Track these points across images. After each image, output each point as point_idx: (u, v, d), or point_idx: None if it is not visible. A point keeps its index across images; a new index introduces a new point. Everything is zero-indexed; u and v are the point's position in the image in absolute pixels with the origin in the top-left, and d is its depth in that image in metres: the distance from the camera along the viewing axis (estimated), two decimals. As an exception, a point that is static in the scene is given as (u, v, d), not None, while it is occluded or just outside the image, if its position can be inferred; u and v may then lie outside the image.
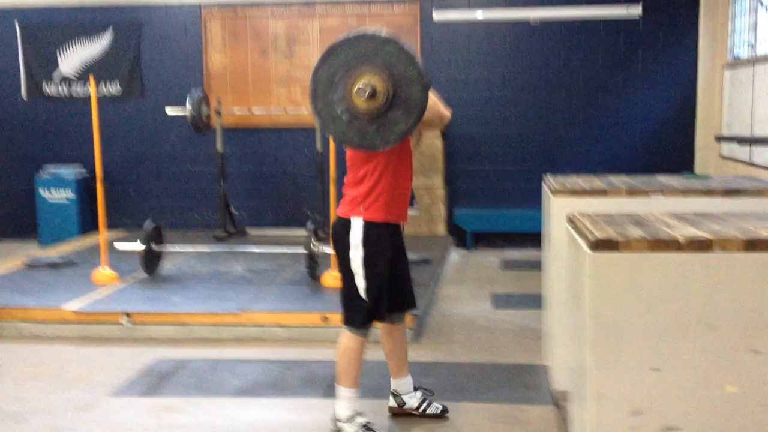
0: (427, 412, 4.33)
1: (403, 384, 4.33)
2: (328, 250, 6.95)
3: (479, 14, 9.44)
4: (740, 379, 2.91)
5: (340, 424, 4.03)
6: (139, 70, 10.05)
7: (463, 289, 7.47)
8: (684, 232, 3.04)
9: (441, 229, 9.45)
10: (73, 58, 10.11)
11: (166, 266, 7.41)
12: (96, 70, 9.97)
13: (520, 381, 4.94)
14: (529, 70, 9.63)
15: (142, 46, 10.02)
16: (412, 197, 6.27)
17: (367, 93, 3.59)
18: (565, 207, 4.43)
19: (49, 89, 10.17)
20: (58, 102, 10.11)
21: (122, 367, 5.21)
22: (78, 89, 10.04)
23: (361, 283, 3.92)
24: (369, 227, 3.89)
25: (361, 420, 4.04)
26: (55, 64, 10.13)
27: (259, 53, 9.78)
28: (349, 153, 3.94)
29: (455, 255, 9.12)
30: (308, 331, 5.80)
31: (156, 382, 4.95)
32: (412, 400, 4.34)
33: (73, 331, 5.94)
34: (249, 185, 9.86)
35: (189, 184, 10.02)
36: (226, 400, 4.65)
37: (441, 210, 9.45)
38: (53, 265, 7.55)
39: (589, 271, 2.97)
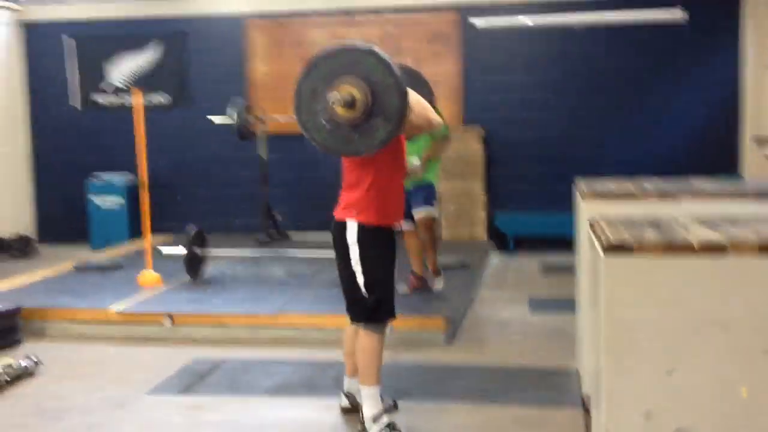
0: None
1: (355, 384, 4.40)
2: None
3: (519, 20, 9.45)
4: (754, 381, 2.90)
5: (366, 425, 4.11)
6: (185, 79, 10.30)
7: (501, 294, 7.49)
8: (701, 235, 3.05)
9: (481, 233, 9.48)
10: (123, 68, 10.41)
11: (210, 269, 7.57)
12: (144, 80, 10.24)
13: (550, 385, 4.95)
14: (570, 74, 9.63)
15: (189, 57, 10.26)
16: (432, 196, 6.58)
17: (344, 102, 3.70)
18: (593, 211, 4.43)
19: (101, 99, 10.47)
20: (109, 111, 10.41)
21: (161, 367, 5.36)
22: (128, 99, 10.31)
23: (360, 279, 4.05)
24: (363, 229, 4.03)
25: (385, 420, 4.12)
26: (106, 75, 10.43)
27: (300, 62, 9.92)
28: (343, 159, 4.07)
29: (496, 259, 9.14)
30: (339, 333, 5.88)
31: (191, 381, 5.09)
32: None
33: (116, 332, 6.13)
34: (291, 190, 10.02)
35: (234, 190, 10.22)
36: (258, 399, 4.77)
37: (481, 214, 9.48)
38: (101, 268, 7.79)
39: (603, 274, 3.00)
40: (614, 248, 2.96)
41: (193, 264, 7.17)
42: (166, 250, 7.32)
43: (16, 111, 10.60)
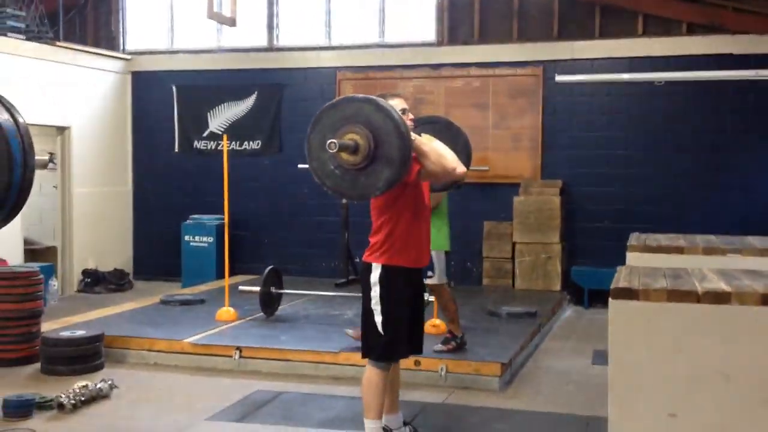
0: None
1: (393, 420, 4.62)
2: (430, 298, 7.24)
3: (601, 77, 9.56)
4: (755, 429, 2.96)
5: None
6: (278, 128, 10.83)
7: (567, 344, 7.53)
8: (711, 285, 3.15)
9: (556, 284, 9.52)
10: (221, 117, 11.04)
11: (284, 308, 7.92)
12: (240, 127, 10.84)
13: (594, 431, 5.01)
14: (652, 130, 9.65)
15: (283, 107, 10.80)
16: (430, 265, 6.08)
17: (344, 147, 3.94)
18: (636, 262, 4.54)
19: (199, 144, 11.12)
20: (206, 156, 11.02)
21: (224, 396, 5.68)
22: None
23: (378, 318, 4.28)
24: (386, 270, 4.28)
25: None
26: (206, 123, 11.08)
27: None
28: (371, 205, 4.33)
29: (570, 311, 9.15)
30: (401, 373, 6.07)
31: (250, 410, 5.38)
32: None
33: (189, 362, 6.52)
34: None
35: (317, 234, 10.63)
36: (308, 430, 5.00)
37: (557, 266, 9.53)
38: (184, 303, 8.25)
39: (610, 318, 3.14)
40: (621, 293, 3.10)
41: (268, 302, 7.53)
42: (243, 287, 7.72)
43: (124, 154, 11.37)
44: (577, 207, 9.89)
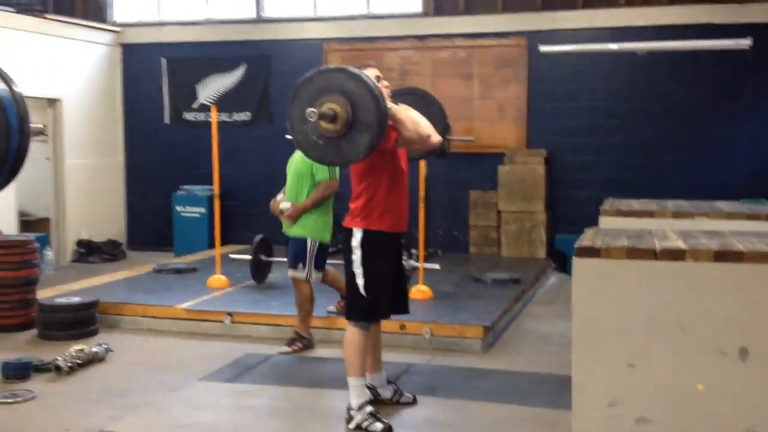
0: (401, 401, 4.89)
1: (377, 378, 4.87)
2: (416, 264, 7.46)
3: (584, 47, 9.71)
4: (709, 377, 3.18)
5: (352, 412, 4.54)
6: (266, 99, 10.97)
7: (549, 309, 7.75)
8: (668, 244, 3.35)
9: (541, 252, 9.75)
10: (211, 88, 11.16)
11: (275, 275, 8.12)
12: (229, 99, 10.97)
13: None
14: (633, 99, 9.83)
15: (270, 78, 10.93)
16: (300, 256, 6.09)
17: (322, 116, 4.11)
18: (610, 226, 4.75)
19: (189, 116, 11.25)
20: (196, 127, 11.15)
21: (216, 359, 5.90)
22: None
23: (360, 281, 4.48)
24: (366, 234, 4.48)
25: (369, 409, 4.53)
26: (195, 94, 11.21)
27: (373, 83, 10.45)
28: (351, 172, 4.52)
29: (554, 278, 9.37)
30: (386, 336, 6.18)
31: (240, 371, 5.60)
32: (387, 392, 4.89)
33: (182, 327, 6.73)
34: (361, 206, 10.50)
35: (307, 204, 10.78)
36: (296, 389, 5.23)
37: (541, 234, 9.75)
38: (177, 271, 8.45)
39: (573, 275, 3.34)
40: (583, 251, 3.30)
41: (258, 269, 7.73)
42: (234, 255, 7.91)
43: (114, 125, 11.49)
44: (561, 176, 10.09)
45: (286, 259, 8.44)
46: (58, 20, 10.45)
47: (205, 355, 6.04)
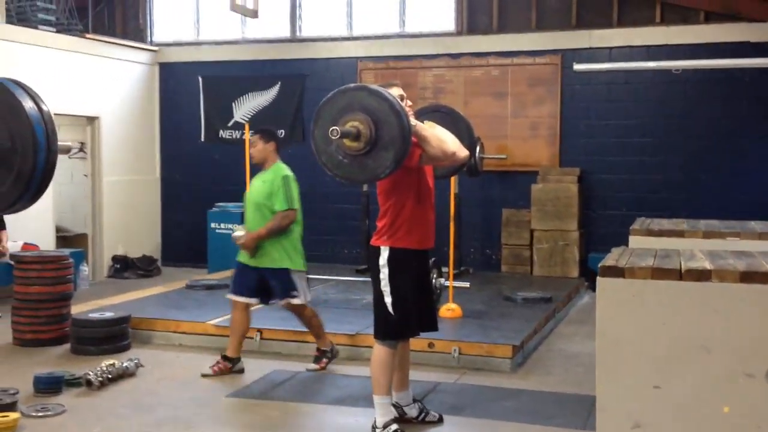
0: (426, 419, 4.85)
1: (404, 397, 4.83)
2: (447, 283, 7.44)
3: (619, 65, 9.66)
4: (735, 400, 3.12)
5: (377, 431, 4.54)
6: (300, 117, 11.05)
7: (581, 329, 7.67)
8: (694, 264, 3.31)
9: (574, 271, 9.66)
10: (246, 106, 11.28)
11: (305, 293, 8.13)
12: (264, 117, 11.06)
13: (599, 411, 5.16)
14: (668, 118, 9.74)
15: (305, 96, 11.02)
16: (290, 284, 5.95)
17: (345, 134, 4.11)
18: (639, 245, 4.69)
19: (224, 134, 11.37)
20: (231, 145, 11.26)
21: (244, 375, 5.93)
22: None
23: (388, 299, 4.48)
24: (393, 252, 4.48)
25: (394, 427, 4.52)
26: (231, 113, 11.33)
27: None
28: (378, 191, 4.53)
29: (587, 298, 9.27)
30: (414, 354, 6.19)
31: (268, 388, 5.63)
32: (412, 411, 4.85)
33: (212, 343, 6.77)
34: (393, 224, 10.52)
35: (338, 221, 10.85)
36: (322, 406, 5.23)
37: (575, 253, 9.67)
38: (209, 287, 8.52)
39: (598, 295, 3.31)
40: (608, 270, 3.26)
41: (289, 286, 7.74)
42: (265, 272, 7.95)
43: (152, 143, 11.67)
44: (594, 194, 10.01)
45: (316, 276, 8.62)
46: (98, 40, 10.66)
47: (234, 372, 6.07)
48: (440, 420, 4.88)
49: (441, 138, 4.42)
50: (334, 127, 4.10)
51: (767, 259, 3.42)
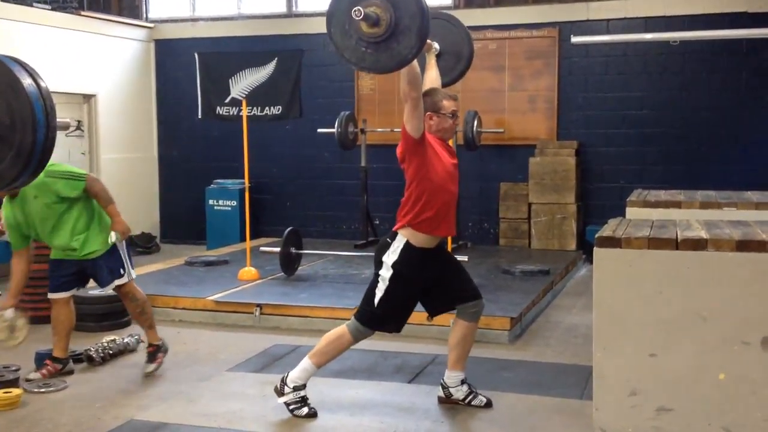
0: (473, 403, 4.72)
1: (452, 377, 4.74)
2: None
3: (617, 37, 9.62)
4: (731, 367, 3.16)
5: (285, 388, 4.56)
6: (298, 93, 11.00)
7: (578, 301, 7.71)
8: (690, 233, 3.33)
9: (572, 244, 9.70)
10: (243, 83, 11.24)
11: (304, 268, 8.19)
12: (261, 93, 11.02)
13: (597, 381, 5.21)
14: (666, 90, 9.73)
15: (302, 72, 10.97)
16: (118, 263, 5.48)
17: (368, 19, 3.91)
18: (636, 217, 4.71)
19: (221, 111, 11.33)
20: (228, 121, 11.23)
21: (244, 350, 5.97)
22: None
23: (379, 293, 4.41)
24: (405, 252, 4.36)
25: (303, 393, 4.56)
26: (228, 89, 11.28)
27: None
28: (403, 165, 4.40)
29: (584, 270, 9.32)
30: (413, 327, 6.23)
31: (268, 362, 5.67)
32: (459, 393, 4.74)
33: (212, 318, 6.82)
34: (391, 198, 10.53)
35: (338, 197, 10.87)
36: (323, 379, 5.25)
37: (572, 226, 9.70)
38: (208, 264, 8.55)
39: (595, 265, 3.33)
40: (604, 241, 3.29)
41: (288, 262, 7.79)
42: (264, 248, 7.99)
43: (149, 120, 11.65)
44: (592, 167, 10.03)
45: (315, 251, 8.67)
46: (93, 17, 10.62)
47: (234, 346, 6.11)
48: (489, 404, 4.73)
49: (415, 74, 4.16)
50: (357, 7, 3.89)
51: (763, 229, 3.44)
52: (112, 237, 5.39)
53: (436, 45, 5.03)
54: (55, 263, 5.40)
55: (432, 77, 4.75)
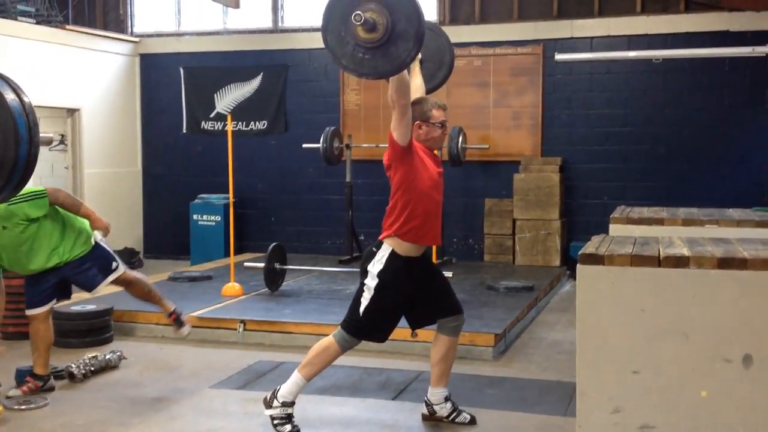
0: (456, 420, 4.69)
1: (436, 394, 4.71)
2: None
3: (601, 55, 9.71)
4: (713, 385, 3.17)
5: (275, 401, 4.51)
6: (283, 108, 11.04)
7: (562, 317, 7.72)
8: (672, 251, 3.35)
9: (556, 260, 9.72)
10: (228, 97, 11.25)
11: (288, 283, 8.16)
12: (246, 108, 11.05)
13: (580, 398, 5.21)
14: (649, 107, 9.81)
15: (287, 87, 11.00)
16: (107, 261, 5.47)
17: (365, 24, 3.88)
18: (619, 234, 4.73)
19: (206, 125, 11.34)
20: (213, 136, 11.24)
21: (227, 366, 5.94)
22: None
23: (364, 302, 4.40)
24: (391, 261, 4.34)
25: (290, 410, 4.51)
26: (213, 104, 11.30)
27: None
28: (388, 173, 4.40)
29: (568, 286, 9.34)
30: (398, 344, 6.29)
31: (251, 378, 5.64)
32: (443, 410, 4.71)
33: (195, 334, 6.69)
34: (376, 213, 10.51)
35: (323, 212, 10.87)
36: (306, 396, 5.21)
37: (556, 242, 9.73)
38: (192, 279, 8.51)
39: (577, 282, 3.34)
40: (587, 258, 3.30)
41: (272, 277, 7.77)
42: (248, 264, 7.96)
43: (133, 135, 11.62)
44: (576, 184, 10.08)
45: (299, 267, 8.65)
46: (78, 31, 10.59)
47: (217, 363, 6.08)
48: (473, 421, 4.71)
49: (402, 82, 4.16)
50: (357, 12, 3.86)
51: (745, 246, 3.46)
52: (97, 236, 5.36)
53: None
54: (32, 278, 5.30)
55: (416, 85, 4.75)
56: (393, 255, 4.38)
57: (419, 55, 4.86)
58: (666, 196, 9.43)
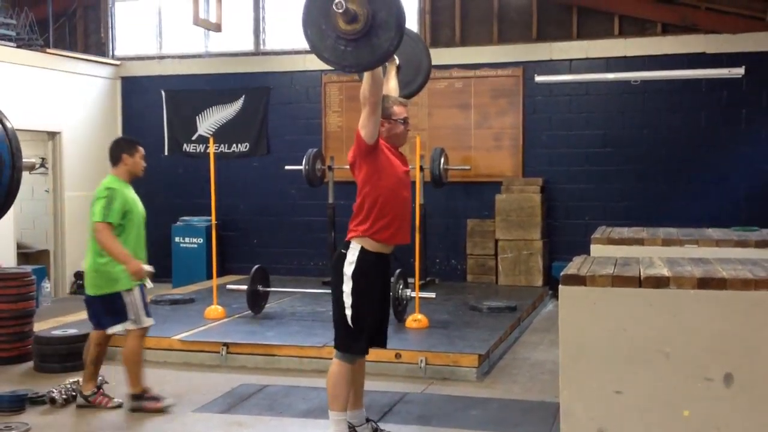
0: None
1: (357, 416, 4.70)
2: (413, 294, 7.48)
3: (580, 77, 9.82)
4: (694, 404, 3.20)
5: None
6: (265, 130, 11.06)
7: (546, 337, 7.75)
8: (653, 271, 3.38)
9: (538, 280, 9.76)
10: (210, 120, 11.26)
11: (272, 305, 8.14)
12: (228, 130, 11.07)
13: (564, 418, 5.23)
14: (628, 128, 9.92)
15: (269, 109, 11.03)
16: (118, 308, 5.76)
17: (347, 15, 3.89)
18: (601, 254, 4.78)
19: (188, 148, 11.33)
20: (195, 159, 11.23)
21: (211, 389, 5.91)
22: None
23: (349, 311, 4.40)
24: (362, 258, 4.37)
25: None
26: (195, 126, 11.30)
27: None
28: (354, 174, 4.44)
29: (551, 306, 9.38)
30: (381, 365, 6.29)
31: (235, 402, 5.61)
32: (366, 431, 4.71)
33: (177, 358, 6.74)
34: (358, 236, 10.55)
35: (305, 234, 10.86)
36: (290, 419, 5.23)
37: (539, 262, 9.77)
38: (174, 302, 8.47)
39: (560, 303, 3.37)
40: (569, 279, 3.33)
41: (255, 300, 7.75)
42: (231, 286, 7.94)
43: (114, 158, 11.56)
44: (557, 204, 10.15)
45: (282, 289, 8.63)
46: (59, 54, 10.58)
47: (200, 386, 6.05)
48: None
49: (376, 85, 4.19)
50: (338, 0, 3.85)
51: (724, 266, 3.50)
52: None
53: (396, 58, 4.97)
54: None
55: (390, 87, 4.76)
56: (363, 252, 4.40)
57: (397, 60, 4.89)
58: (646, 216, 9.51)
